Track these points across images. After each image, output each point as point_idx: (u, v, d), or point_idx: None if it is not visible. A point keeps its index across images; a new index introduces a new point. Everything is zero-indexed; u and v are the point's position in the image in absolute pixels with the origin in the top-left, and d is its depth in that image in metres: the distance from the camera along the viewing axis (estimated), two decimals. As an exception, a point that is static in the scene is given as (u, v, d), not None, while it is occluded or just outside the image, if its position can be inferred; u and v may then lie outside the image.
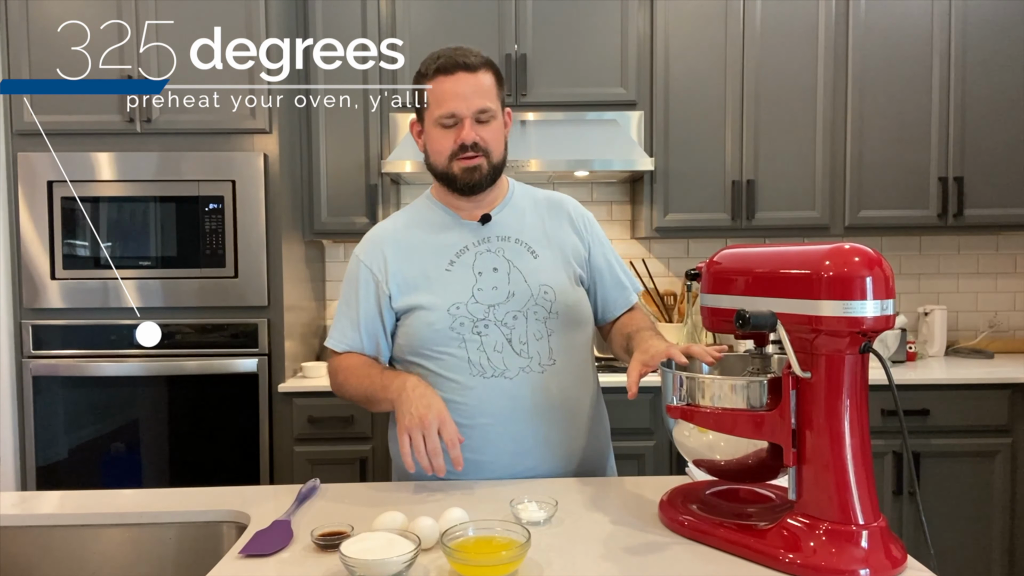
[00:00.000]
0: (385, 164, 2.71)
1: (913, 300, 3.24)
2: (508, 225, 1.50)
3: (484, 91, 1.42)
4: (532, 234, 1.50)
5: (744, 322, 1.02)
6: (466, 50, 1.43)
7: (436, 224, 1.50)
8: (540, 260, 1.48)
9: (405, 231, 1.51)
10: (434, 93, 1.43)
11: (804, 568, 0.99)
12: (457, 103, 1.40)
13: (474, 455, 1.38)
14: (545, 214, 1.54)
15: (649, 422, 2.57)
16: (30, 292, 2.56)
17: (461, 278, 1.44)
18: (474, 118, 1.41)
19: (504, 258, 1.46)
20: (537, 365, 1.42)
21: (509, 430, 1.40)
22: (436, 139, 1.44)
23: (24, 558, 1.30)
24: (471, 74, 1.41)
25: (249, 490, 1.45)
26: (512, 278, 1.45)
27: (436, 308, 1.41)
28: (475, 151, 1.41)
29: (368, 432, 2.60)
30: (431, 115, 1.44)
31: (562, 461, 1.45)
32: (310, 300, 3.02)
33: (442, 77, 1.42)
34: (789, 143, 2.88)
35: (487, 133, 1.42)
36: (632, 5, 2.84)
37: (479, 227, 1.48)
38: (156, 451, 2.61)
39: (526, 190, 1.58)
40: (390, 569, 0.97)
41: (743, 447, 1.09)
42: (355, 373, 1.46)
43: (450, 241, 1.47)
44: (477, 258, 1.46)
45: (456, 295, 1.42)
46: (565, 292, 1.47)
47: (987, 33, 2.86)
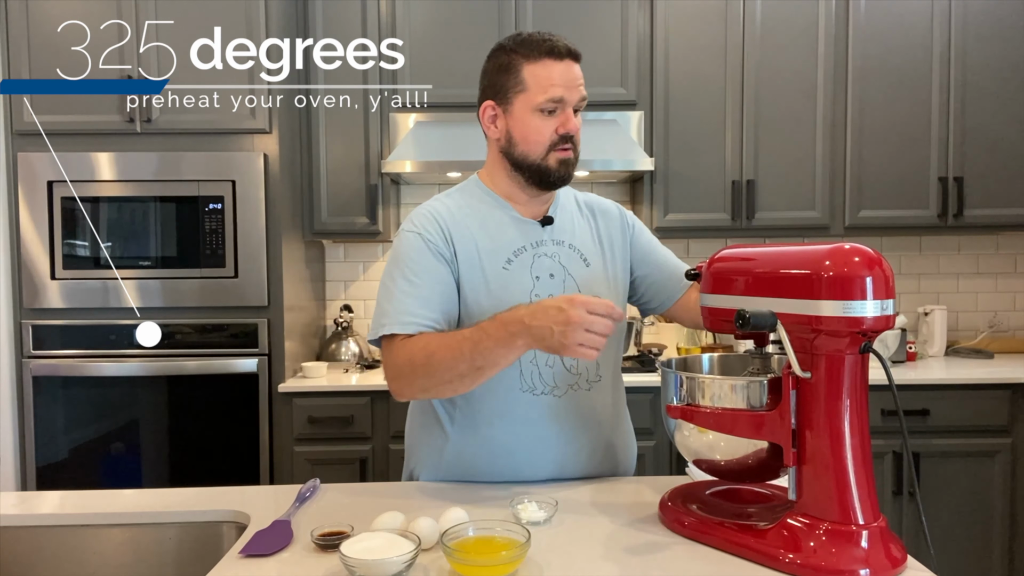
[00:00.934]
0: (385, 164, 2.71)
1: (913, 300, 3.24)
2: (563, 229, 1.42)
3: (583, 82, 1.35)
4: (583, 240, 1.44)
5: (744, 322, 1.01)
6: (564, 37, 1.34)
7: (492, 217, 1.39)
8: (592, 269, 1.42)
9: (460, 217, 1.38)
10: (538, 75, 1.31)
11: (804, 568, 0.99)
12: (565, 89, 1.31)
13: (517, 470, 1.37)
14: (594, 219, 1.48)
15: (649, 422, 2.57)
16: (30, 292, 2.56)
17: (519, 280, 1.36)
18: (575, 108, 1.34)
19: (560, 264, 1.39)
20: (585, 382, 1.39)
21: (553, 448, 1.37)
22: (534, 126, 1.32)
23: (24, 558, 1.30)
24: (575, 63, 1.34)
25: (249, 490, 1.45)
26: (567, 286, 1.38)
27: (493, 308, 1.28)
28: (570, 144, 1.34)
29: (368, 432, 2.60)
30: (530, 99, 1.31)
31: (601, 472, 1.43)
32: (310, 300, 3.02)
33: (551, 61, 1.31)
34: (789, 143, 2.88)
35: (578, 126, 1.35)
36: (632, 5, 2.84)
37: (538, 228, 1.40)
38: (156, 451, 2.61)
39: (568, 191, 1.50)
40: (390, 569, 0.97)
41: (743, 447, 1.09)
42: (443, 344, 1.23)
43: (507, 238, 1.38)
44: (535, 261, 1.37)
45: (514, 297, 1.31)
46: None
47: (987, 33, 2.86)
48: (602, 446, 1.43)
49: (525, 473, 1.38)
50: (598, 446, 1.42)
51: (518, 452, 1.37)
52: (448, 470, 1.41)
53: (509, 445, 1.37)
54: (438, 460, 1.41)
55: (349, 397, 2.58)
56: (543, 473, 1.38)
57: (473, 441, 1.38)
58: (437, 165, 2.69)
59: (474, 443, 1.38)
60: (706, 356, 1.29)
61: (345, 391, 2.60)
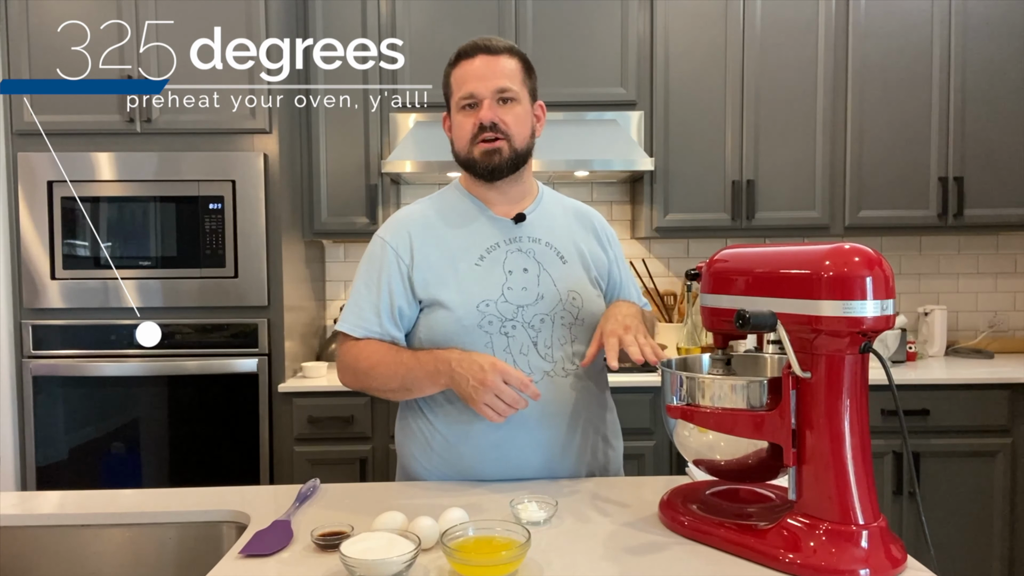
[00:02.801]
0: (385, 164, 2.71)
1: (913, 300, 3.24)
2: (540, 227, 1.47)
3: (506, 73, 1.39)
4: (561, 240, 1.48)
5: (744, 322, 1.01)
6: (491, 37, 1.42)
7: (465, 215, 1.46)
8: (568, 266, 1.46)
9: (433, 218, 1.46)
10: (456, 78, 1.42)
11: (804, 568, 0.99)
12: (475, 83, 1.38)
13: (504, 460, 1.39)
14: (573, 222, 1.53)
15: (649, 422, 2.57)
16: (30, 292, 2.56)
17: (491, 275, 1.41)
18: (494, 98, 1.38)
19: (535, 260, 1.44)
20: (561, 370, 1.41)
21: (531, 436, 1.39)
22: (458, 124, 1.42)
23: (24, 558, 1.30)
24: (492, 56, 1.39)
25: (249, 490, 1.45)
26: (542, 280, 1.42)
27: (464, 303, 1.37)
28: (495, 132, 1.38)
29: (368, 432, 2.60)
30: (454, 101, 1.43)
31: (580, 466, 1.44)
32: (310, 300, 3.02)
33: (463, 62, 1.41)
34: (789, 143, 2.88)
35: (508, 116, 1.39)
36: (632, 5, 2.84)
37: (512, 225, 1.46)
38: (156, 451, 2.61)
39: (555, 196, 1.57)
40: (390, 569, 0.97)
41: (743, 447, 1.09)
42: (383, 360, 1.38)
43: (480, 236, 1.44)
44: (508, 256, 1.43)
45: (486, 292, 1.39)
46: (591, 300, 1.46)
47: (987, 33, 2.86)
48: (578, 437, 1.43)
49: (512, 460, 1.39)
50: (578, 434, 1.43)
51: (503, 443, 1.38)
52: (438, 461, 1.43)
53: (492, 435, 1.38)
54: (426, 450, 1.44)
55: (349, 397, 2.58)
56: (531, 461, 1.40)
57: (456, 429, 1.40)
58: (437, 165, 2.69)
59: (457, 431, 1.40)
60: (706, 356, 1.29)
61: (345, 391, 2.57)
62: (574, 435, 1.43)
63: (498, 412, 1.26)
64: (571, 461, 1.43)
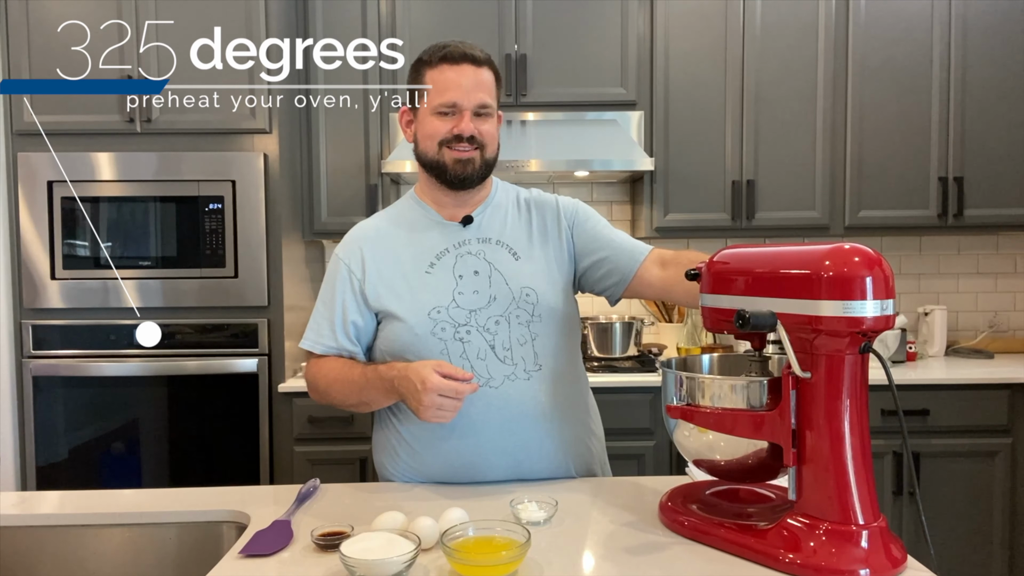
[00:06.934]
0: (385, 164, 2.71)
1: (913, 300, 3.24)
2: (490, 226, 1.47)
3: (486, 87, 1.41)
4: (514, 235, 1.47)
5: (744, 322, 1.01)
6: (471, 44, 1.42)
7: (416, 224, 1.47)
8: (522, 262, 1.44)
9: (385, 230, 1.48)
10: (436, 81, 1.40)
11: (804, 568, 0.99)
12: (460, 94, 1.38)
13: (470, 466, 1.39)
14: (529, 214, 1.51)
15: (649, 422, 2.57)
16: (30, 292, 2.56)
17: (441, 281, 1.41)
18: (474, 111, 1.39)
19: (485, 260, 1.43)
20: (523, 372, 1.40)
21: (501, 441, 1.38)
22: (430, 125, 1.41)
23: (24, 558, 1.30)
24: (476, 68, 1.40)
25: (249, 490, 1.45)
26: (493, 281, 1.41)
27: (415, 312, 1.38)
28: (471, 144, 1.40)
29: (368, 432, 2.59)
30: (430, 102, 1.41)
31: (557, 467, 1.43)
32: (310, 300, 3.01)
33: (447, 66, 1.39)
34: (789, 143, 2.88)
35: (485, 128, 1.41)
36: (632, 5, 2.84)
37: (460, 229, 1.46)
38: (156, 451, 2.61)
39: (508, 189, 1.55)
40: (390, 569, 0.97)
41: (743, 447, 1.09)
42: (339, 378, 1.41)
43: (430, 243, 1.44)
44: (458, 261, 1.42)
45: (436, 299, 1.39)
46: (548, 294, 1.43)
47: (987, 33, 2.86)
48: (551, 438, 1.41)
49: (479, 467, 1.39)
50: (546, 438, 1.41)
51: (466, 451, 1.38)
52: (403, 468, 1.44)
53: (455, 443, 1.38)
54: (394, 458, 1.45)
55: (349, 397, 2.57)
56: (495, 467, 1.39)
57: (420, 437, 1.41)
58: (437, 165, 2.69)
59: (421, 439, 1.41)
60: (706, 356, 1.29)
61: (345, 391, 2.60)
62: (549, 436, 1.41)
63: (443, 419, 1.26)
64: (549, 462, 1.42)
